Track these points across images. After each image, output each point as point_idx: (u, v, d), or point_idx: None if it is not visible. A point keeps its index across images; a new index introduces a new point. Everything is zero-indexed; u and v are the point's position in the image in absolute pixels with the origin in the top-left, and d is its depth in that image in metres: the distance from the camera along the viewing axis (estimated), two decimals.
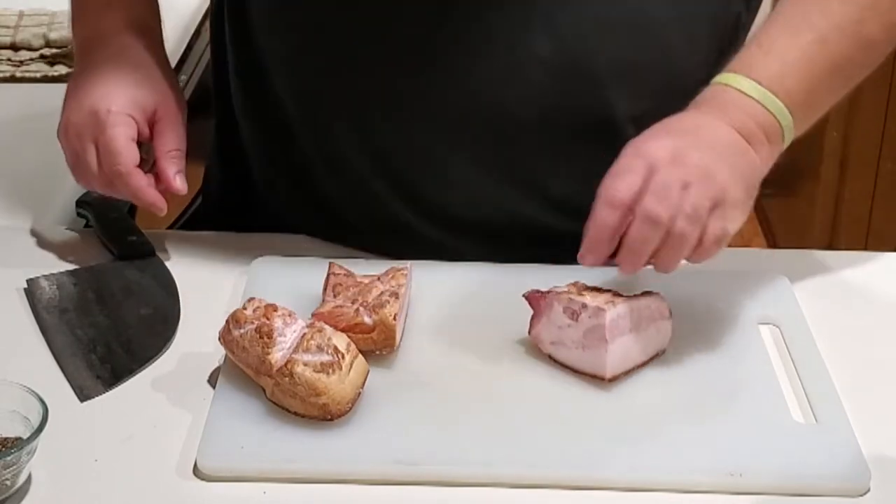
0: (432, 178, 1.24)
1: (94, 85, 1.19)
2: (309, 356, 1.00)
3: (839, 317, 1.20)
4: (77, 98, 1.20)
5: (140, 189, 1.18)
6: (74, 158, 1.20)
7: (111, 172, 1.17)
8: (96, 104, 1.18)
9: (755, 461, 0.99)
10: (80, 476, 0.97)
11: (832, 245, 2.87)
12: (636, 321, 1.07)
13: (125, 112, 1.18)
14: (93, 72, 1.21)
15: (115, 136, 1.17)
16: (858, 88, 1.19)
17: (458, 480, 0.97)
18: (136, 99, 1.19)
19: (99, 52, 1.22)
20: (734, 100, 1.10)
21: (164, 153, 1.21)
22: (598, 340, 1.06)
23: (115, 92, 1.19)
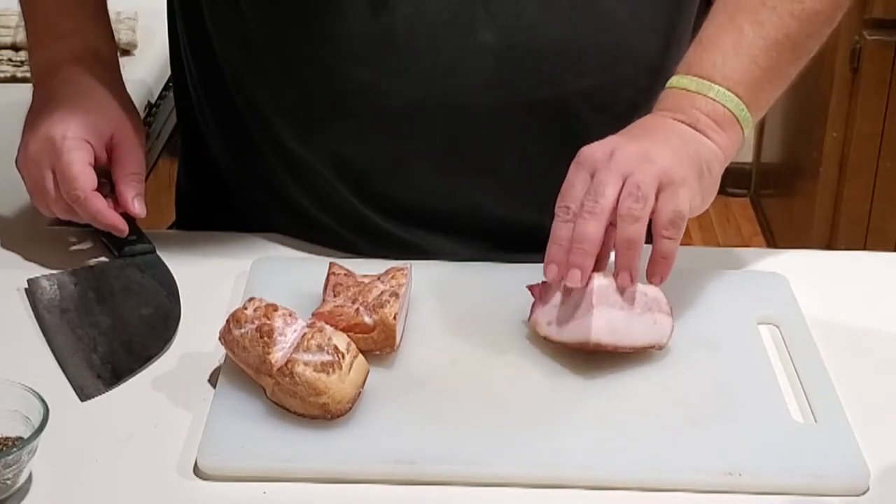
0: (391, 176, 1.24)
1: (50, 113, 1.21)
2: (309, 356, 1.00)
3: (839, 317, 1.20)
4: (33, 127, 1.22)
5: (99, 212, 1.20)
6: (34, 186, 1.22)
7: (70, 197, 1.19)
8: (51, 131, 1.19)
9: (754, 461, 0.99)
10: (80, 475, 0.98)
11: (832, 245, 2.87)
12: (629, 302, 1.08)
13: (80, 137, 1.20)
14: (48, 101, 1.22)
15: (71, 161, 1.18)
16: (858, 89, 1.19)
17: (458, 480, 0.97)
18: (91, 124, 1.21)
19: (53, 81, 1.24)
20: (678, 98, 1.14)
21: (123, 177, 1.23)
22: (586, 306, 1.06)
23: (69, 118, 1.20)
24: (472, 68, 1.18)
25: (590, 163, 1.08)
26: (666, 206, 1.06)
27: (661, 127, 1.12)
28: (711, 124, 1.12)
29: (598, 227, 1.05)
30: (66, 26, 1.27)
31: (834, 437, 1.02)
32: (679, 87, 1.14)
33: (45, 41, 1.28)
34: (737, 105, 1.13)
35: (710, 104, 1.13)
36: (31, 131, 1.22)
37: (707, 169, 1.10)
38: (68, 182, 1.19)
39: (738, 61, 1.14)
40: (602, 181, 1.06)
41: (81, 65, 1.24)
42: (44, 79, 1.26)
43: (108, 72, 1.27)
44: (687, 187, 1.07)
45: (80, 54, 1.25)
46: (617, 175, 1.06)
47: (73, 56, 1.25)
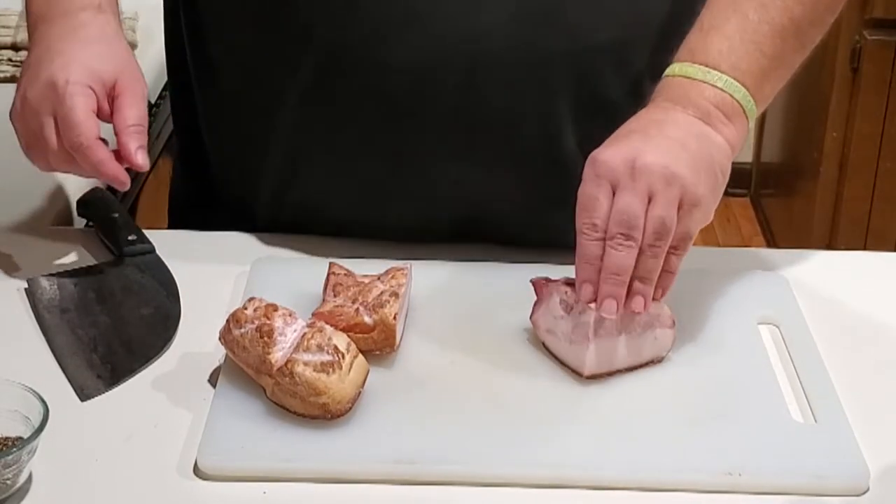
0: (397, 164, 1.24)
1: (51, 58, 1.15)
2: (309, 356, 1.00)
3: (839, 317, 1.20)
4: (32, 74, 1.16)
5: (101, 162, 1.13)
6: (30, 136, 1.16)
7: (72, 145, 1.13)
8: (54, 76, 1.13)
9: (755, 461, 0.99)
10: (80, 475, 0.98)
11: (832, 245, 2.87)
12: (628, 325, 1.07)
13: (84, 83, 1.14)
14: (49, 47, 1.17)
15: (73, 106, 1.12)
16: (858, 89, 1.19)
17: (458, 480, 0.97)
18: (95, 70, 1.15)
19: (54, 28, 1.18)
20: (684, 87, 1.11)
21: (125, 128, 1.16)
22: (583, 337, 1.06)
23: (73, 63, 1.14)
24: (491, 16, 1.17)
25: (611, 175, 1.05)
26: (678, 225, 1.05)
27: (675, 125, 1.09)
28: (721, 116, 1.10)
29: (633, 258, 1.04)
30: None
31: (834, 437, 1.02)
32: (684, 76, 1.12)
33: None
34: (744, 96, 1.11)
35: (718, 95, 1.11)
36: (29, 79, 1.16)
37: (721, 172, 1.09)
38: (71, 128, 1.12)
39: (744, 48, 1.12)
40: (631, 206, 1.03)
41: (85, 14, 1.19)
42: (43, 26, 1.20)
43: (111, 22, 1.21)
44: (702, 208, 1.06)
45: (81, 5, 1.19)
46: (643, 197, 1.04)
47: (73, 7, 1.19)
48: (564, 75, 1.20)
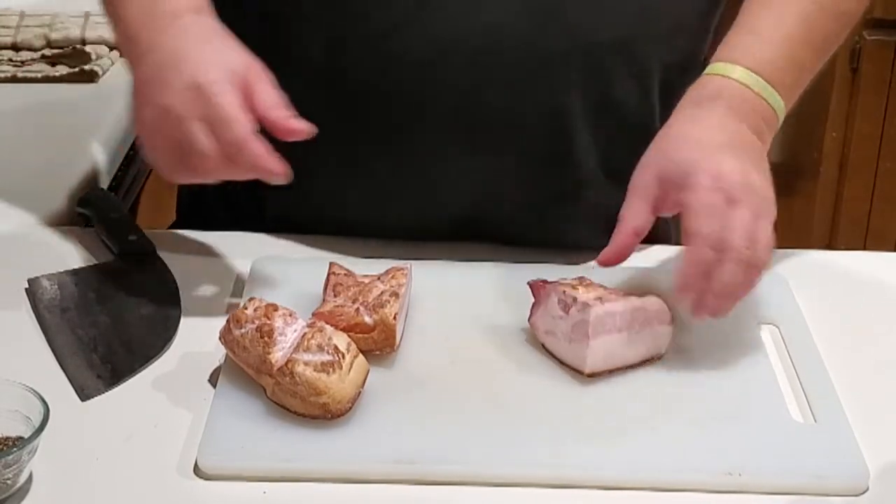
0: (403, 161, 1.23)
1: (177, 64, 1.10)
2: (309, 356, 1.00)
3: (838, 317, 1.20)
4: (158, 83, 1.10)
5: (261, 155, 1.07)
6: (176, 149, 1.09)
7: (229, 143, 1.07)
8: (194, 78, 1.08)
9: (755, 461, 0.99)
10: (80, 475, 0.98)
11: (831, 245, 2.87)
12: (628, 322, 1.07)
13: (226, 79, 1.09)
14: (168, 54, 1.11)
15: (224, 103, 1.07)
16: (858, 89, 1.20)
17: (458, 480, 0.98)
18: (228, 66, 1.10)
19: (163, 35, 1.13)
20: (742, 96, 1.12)
21: (270, 107, 1.10)
22: (582, 335, 1.06)
23: (205, 63, 1.09)
24: (496, 9, 1.16)
25: (730, 192, 1.06)
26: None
27: (751, 145, 1.11)
28: (765, 129, 1.12)
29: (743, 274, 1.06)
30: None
31: (834, 437, 1.02)
32: (741, 82, 1.13)
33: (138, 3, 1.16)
34: (780, 108, 1.14)
35: (767, 109, 1.13)
36: (159, 88, 1.10)
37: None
38: (226, 125, 1.07)
39: (791, 66, 1.15)
40: (745, 221, 1.06)
41: (185, 19, 1.14)
42: (147, 36, 1.13)
43: (211, 21, 1.16)
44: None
45: (182, 9, 1.14)
46: (752, 217, 1.06)
47: (176, 11, 1.14)
48: (571, 73, 1.20)
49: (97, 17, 1.75)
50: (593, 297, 1.07)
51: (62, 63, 1.66)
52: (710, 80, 1.14)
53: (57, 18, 1.74)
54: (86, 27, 1.71)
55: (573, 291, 1.08)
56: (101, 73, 1.64)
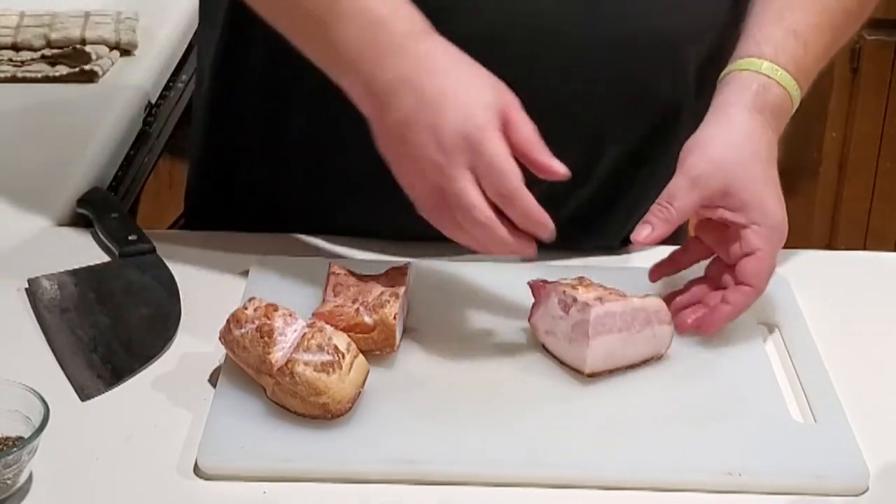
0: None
1: (439, 106, 1.04)
2: (309, 356, 1.00)
3: (838, 317, 1.20)
4: (421, 127, 1.04)
5: (532, 208, 1.04)
6: (438, 197, 1.05)
7: (501, 193, 1.03)
8: (462, 126, 1.03)
9: (755, 461, 0.99)
10: (80, 475, 0.98)
11: (832, 245, 2.87)
12: (627, 322, 1.07)
13: (494, 125, 1.04)
14: (421, 93, 1.05)
15: (497, 153, 1.03)
16: (858, 89, 1.21)
17: (458, 480, 0.97)
18: (489, 105, 1.05)
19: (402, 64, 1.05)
20: (782, 101, 1.15)
21: (531, 145, 1.06)
22: (582, 335, 1.06)
23: (470, 104, 1.04)
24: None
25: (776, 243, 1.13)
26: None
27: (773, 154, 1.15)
28: (782, 125, 1.16)
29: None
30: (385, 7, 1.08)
31: (834, 437, 1.02)
32: (785, 86, 1.15)
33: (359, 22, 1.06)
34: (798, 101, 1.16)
35: (788, 104, 1.15)
36: (420, 134, 1.04)
37: None
38: (499, 176, 1.02)
39: (815, 64, 1.17)
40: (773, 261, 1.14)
41: (421, 45, 1.06)
42: (386, 69, 1.05)
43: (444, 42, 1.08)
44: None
45: (412, 30, 1.07)
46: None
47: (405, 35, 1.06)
48: (611, 59, 1.19)
49: (97, 17, 1.75)
50: (593, 297, 1.07)
51: (62, 63, 1.66)
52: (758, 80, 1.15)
53: (57, 18, 1.74)
54: (86, 27, 1.71)
55: (573, 291, 1.08)
56: (101, 73, 1.64)
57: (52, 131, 1.52)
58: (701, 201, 1.11)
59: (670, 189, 1.12)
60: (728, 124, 1.13)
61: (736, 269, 1.12)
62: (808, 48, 1.16)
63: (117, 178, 1.49)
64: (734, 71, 1.16)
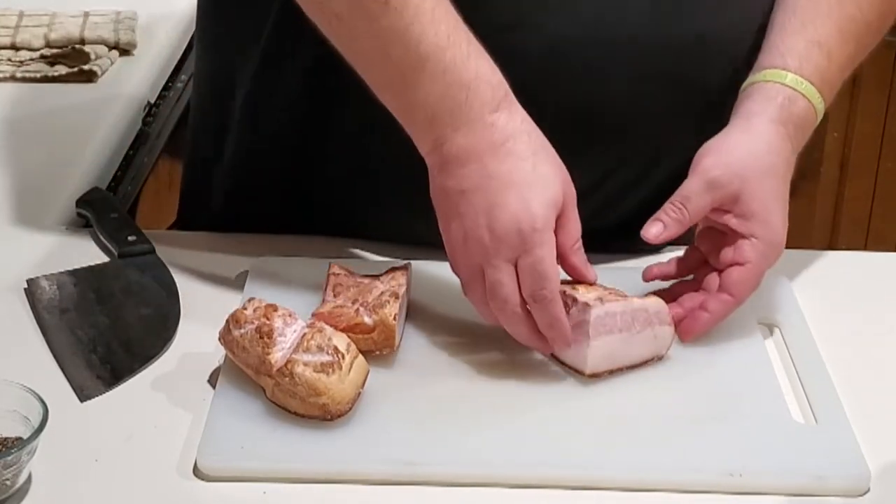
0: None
1: (503, 195, 1.03)
2: (309, 356, 1.00)
3: (839, 317, 1.20)
4: (479, 207, 1.04)
5: (560, 319, 1.05)
6: (476, 273, 1.06)
7: (535, 296, 1.04)
8: (517, 221, 1.02)
9: (755, 461, 0.99)
10: (80, 476, 0.97)
11: (832, 245, 2.87)
12: (628, 323, 1.07)
13: (550, 226, 1.04)
14: (486, 175, 1.04)
15: (543, 257, 1.03)
16: (859, 89, 1.21)
17: (458, 480, 0.97)
18: (551, 202, 1.04)
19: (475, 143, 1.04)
20: (807, 118, 1.15)
21: (572, 247, 1.07)
22: (582, 336, 1.06)
23: (533, 203, 1.03)
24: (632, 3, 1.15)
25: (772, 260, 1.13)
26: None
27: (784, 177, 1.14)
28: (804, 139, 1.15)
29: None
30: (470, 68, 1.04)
31: (834, 438, 1.02)
32: (809, 98, 1.15)
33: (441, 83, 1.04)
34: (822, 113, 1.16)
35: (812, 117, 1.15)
36: (475, 213, 1.04)
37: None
38: (539, 280, 1.03)
39: (839, 74, 1.17)
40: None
41: (499, 122, 1.04)
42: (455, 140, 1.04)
43: (519, 116, 1.06)
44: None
45: (492, 103, 1.04)
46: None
47: (484, 107, 1.04)
48: (675, 65, 1.18)
49: (96, 16, 1.75)
50: (593, 297, 1.07)
51: (61, 63, 1.66)
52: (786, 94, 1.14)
53: (56, 18, 1.74)
54: (85, 27, 1.71)
55: (573, 291, 1.08)
56: (101, 72, 1.64)
57: (51, 131, 1.52)
58: (713, 204, 1.11)
59: (684, 190, 1.11)
60: (749, 132, 1.13)
61: (722, 275, 1.12)
62: (831, 59, 1.16)
63: (116, 178, 1.49)
64: (759, 82, 1.15)
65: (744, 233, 1.11)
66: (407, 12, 1.02)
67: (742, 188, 1.11)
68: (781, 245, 1.13)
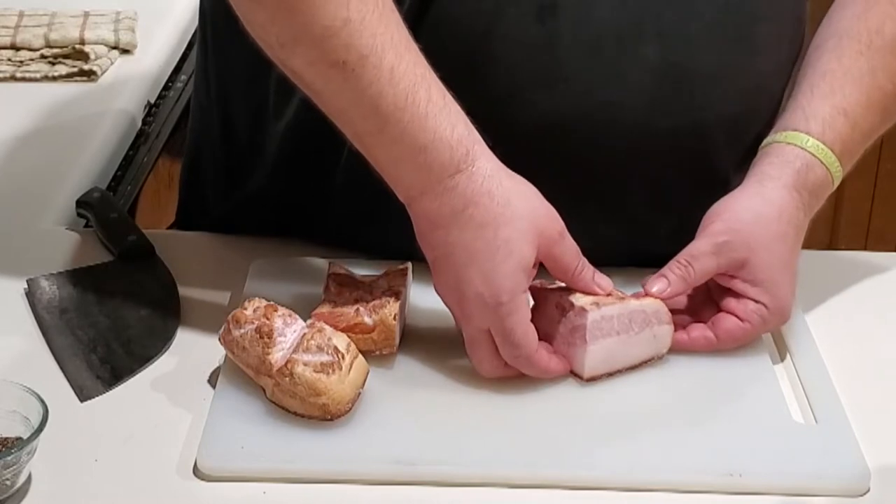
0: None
1: (466, 268, 1.03)
2: (309, 356, 1.00)
3: (839, 317, 1.20)
4: (449, 278, 1.05)
5: (546, 369, 1.06)
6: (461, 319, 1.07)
7: (513, 361, 1.05)
8: (482, 298, 1.02)
9: (755, 461, 0.99)
10: (80, 476, 0.97)
11: (832, 245, 2.87)
12: (626, 325, 1.07)
13: (521, 291, 1.03)
14: (454, 248, 1.03)
15: (512, 328, 1.03)
16: None
17: (458, 480, 0.97)
18: (519, 267, 1.03)
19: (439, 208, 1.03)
20: (823, 185, 1.14)
21: (573, 276, 1.07)
22: (580, 340, 1.06)
23: (496, 275, 1.02)
24: (630, 84, 1.13)
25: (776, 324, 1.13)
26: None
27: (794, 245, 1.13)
28: (818, 205, 1.15)
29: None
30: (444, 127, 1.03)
31: (834, 438, 1.02)
32: (828, 166, 1.14)
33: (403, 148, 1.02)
34: (839, 179, 1.16)
35: (829, 184, 1.14)
36: (442, 277, 1.05)
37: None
38: (512, 348, 1.04)
39: (861, 143, 1.17)
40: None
41: (460, 186, 1.02)
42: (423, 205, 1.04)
43: (485, 171, 1.03)
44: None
45: (452, 166, 1.02)
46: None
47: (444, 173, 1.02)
48: (683, 144, 1.18)
49: (96, 16, 1.75)
50: (590, 301, 1.07)
51: (61, 63, 1.66)
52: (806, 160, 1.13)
53: (56, 18, 1.74)
54: (85, 27, 1.71)
55: (570, 296, 1.07)
56: (101, 72, 1.64)
57: (51, 131, 1.53)
58: (719, 269, 1.11)
59: (692, 250, 1.11)
60: (762, 196, 1.12)
61: (718, 315, 1.11)
62: (856, 128, 1.15)
63: (116, 178, 1.49)
64: (779, 143, 1.15)
65: (752, 297, 1.10)
66: (365, 73, 1.00)
67: (749, 257, 1.10)
68: (786, 313, 1.12)
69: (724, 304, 1.12)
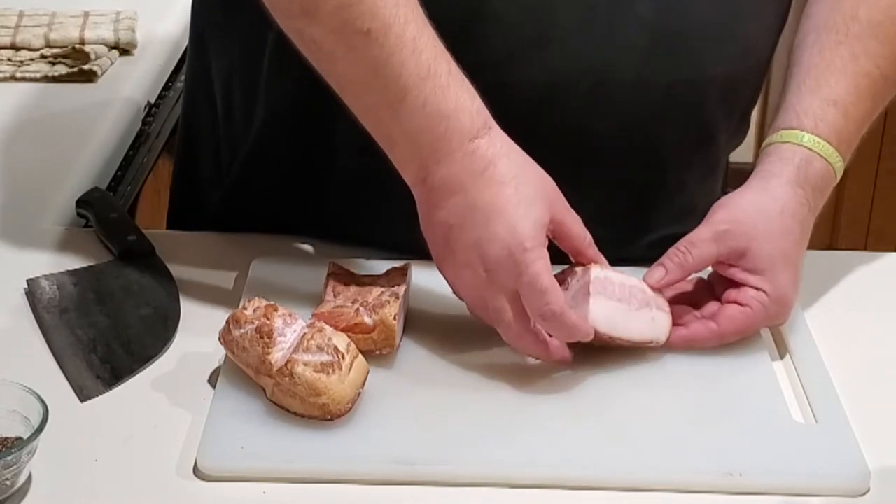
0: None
1: (485, 222, 1.03)
2: (309, 356, 1.00)
3: (839, 317, 1.20)
4: (469, 239, 1.04)
5: (577, 326, 1.04)
6: (479, 299, 1.06)
7: (543, 314, 1.03)
8: (507, 245, 1.02)
9: (755, 461, 0.99)
10: (80, 476, 0.97)
11: (832, 245, 2.87)
12: (626, 295, 1.08)
13: (540, 242, 1.03)
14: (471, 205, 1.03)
15: (539, 273, 1.02)
16: None
17: (458, 480, 0.97)
18: (538, 220, 1.04)
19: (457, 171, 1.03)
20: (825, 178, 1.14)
21: (584, 244, 1.09)
22: (583, 296, 1.06)
23: (520, 224, 1.03)
24: (625, 42, 1.14)
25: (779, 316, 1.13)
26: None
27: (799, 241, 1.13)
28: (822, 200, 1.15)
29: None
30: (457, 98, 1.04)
31: (834, 438, 1.02)
32: (826, 157, 1.14)
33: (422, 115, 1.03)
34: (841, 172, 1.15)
35: (831, 178, 1.14)
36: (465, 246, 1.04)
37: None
38: (540, 297, 1.02)
39: (857, 131, 1.16)
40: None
41: (479, 148, 1.04)
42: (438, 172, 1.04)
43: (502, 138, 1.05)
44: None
45: (471, 132, 1.04)
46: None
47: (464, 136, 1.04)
48: (677, 104, 1.19)
49: (96, 16, 1.75)
50: (593, 265, 1.09)
51: (61, 63, 1.66)
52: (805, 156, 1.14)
53: (56, 18, 1.74)
54: (85, 27, 1.71)
55: (571, 270, 1.09)
56: (101, 72, 1.64)
57: (51, 131, 1.53)
58: (719, 256, 1.11)
59: (692, 237, 1.12)
60: (766, 192, 1.13)
61: (719, 310, 1.12)
62: (848, 117, 1.15)
63: (116, 177, 1.49)
64: (776, 143, 1.15)
65: (753, 285, 1.11)
66: (388, 42, 1.01)
67: (749, 246, 1.10)
68: (787, 304, 1.12)
69: (725, 296, 1.12)
